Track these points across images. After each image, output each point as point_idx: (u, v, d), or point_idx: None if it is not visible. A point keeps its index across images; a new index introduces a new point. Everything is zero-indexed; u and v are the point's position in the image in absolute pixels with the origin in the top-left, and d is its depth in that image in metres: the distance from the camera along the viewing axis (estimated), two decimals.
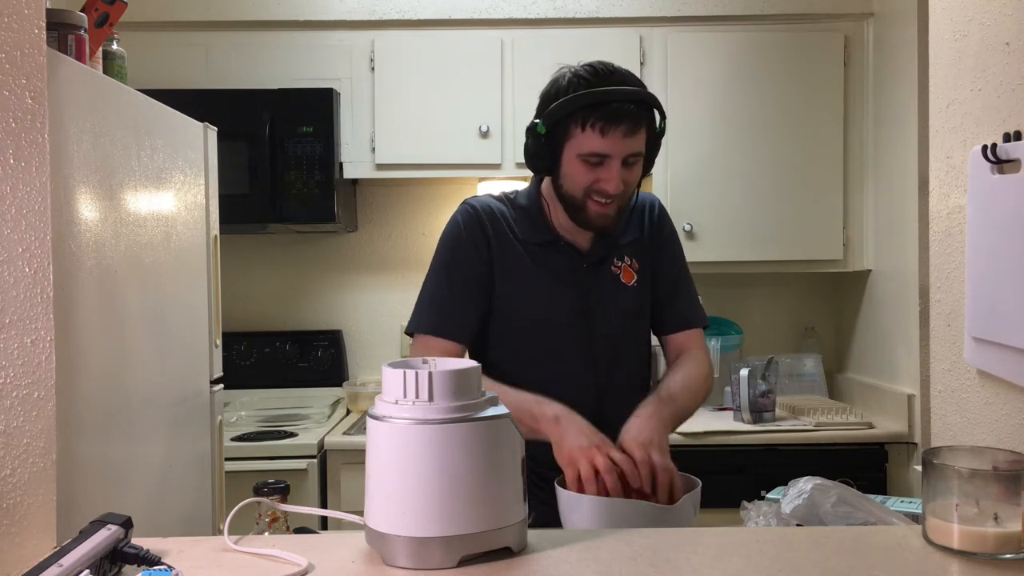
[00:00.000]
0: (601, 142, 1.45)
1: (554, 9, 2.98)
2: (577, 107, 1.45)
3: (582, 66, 1.50)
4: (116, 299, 1.64)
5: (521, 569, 1.00)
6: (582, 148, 1.47)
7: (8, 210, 1.05)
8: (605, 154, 1.46)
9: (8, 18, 1.05)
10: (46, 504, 1.10)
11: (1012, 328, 1.19)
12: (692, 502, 1.33)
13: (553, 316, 1.60)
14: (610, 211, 1.52)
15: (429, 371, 1.02)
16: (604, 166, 1.47)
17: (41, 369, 1.10)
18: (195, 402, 2.08)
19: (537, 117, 1.52)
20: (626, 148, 1.46)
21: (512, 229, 1.61)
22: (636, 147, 1.48)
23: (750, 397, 2.76)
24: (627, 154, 1.47)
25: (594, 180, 1.48)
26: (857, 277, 3.07)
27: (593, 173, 1.48)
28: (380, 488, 1.02)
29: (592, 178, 1.48)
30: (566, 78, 1.49)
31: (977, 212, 1.31)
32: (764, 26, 2.98)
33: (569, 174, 1.50)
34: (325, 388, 3.16)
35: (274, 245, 3.29)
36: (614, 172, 1.47)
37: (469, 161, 2.95)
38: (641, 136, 1.48)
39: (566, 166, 1.50)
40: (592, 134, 1.45)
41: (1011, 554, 1.00)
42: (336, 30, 2.98)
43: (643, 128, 1.48)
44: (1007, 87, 1.25)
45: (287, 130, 2.86)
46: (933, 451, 1.07)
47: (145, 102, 1.80)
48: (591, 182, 1.49)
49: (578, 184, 1.50)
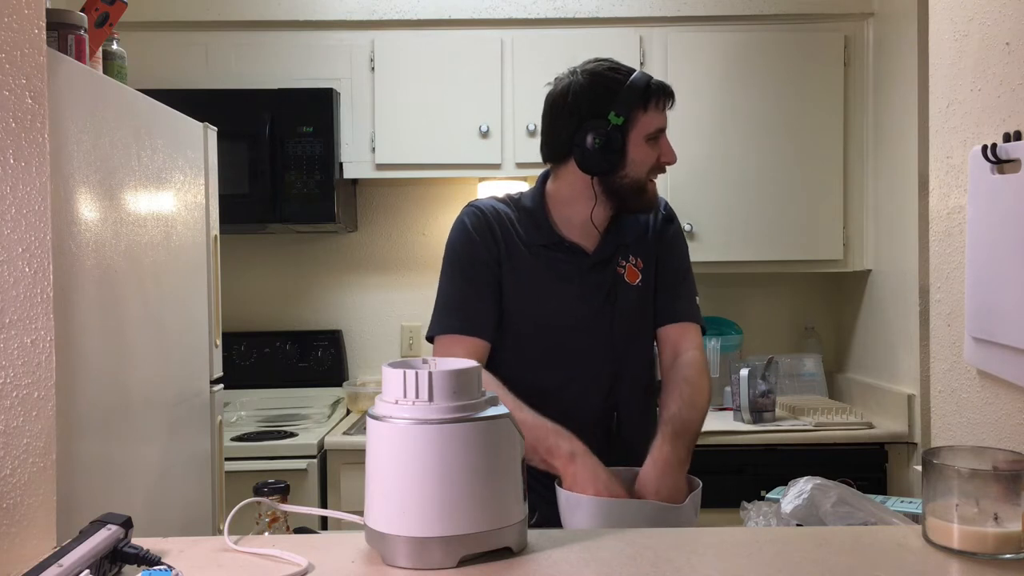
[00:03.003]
0: (662, 117, 1.57)
1: (554, 9, 2.98)
2: (643, 89, 1.53)
3: (595, 63, 1.57)
4: (116, 299, 1.64)
5: (521, 569, 1.00)
6: (649, 127, 1.55)
7: (8, 210, 1.05)
8: (663, 128, 1.57)
9: (8, 18, 1.05)
10: (46, 504, 1.10)
11: (1012, 328, 1.19)
12: (692, 503, 1.33)
13: (558, 317, 1.60)
14: (656, 188, 1.62)
15: (429, 371, 1.02)
16: (659, 141, 1.57)
17: (41, 369, 1.10)
18: (195, 402, 2.08)
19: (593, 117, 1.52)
20: (667, 121, 1.59)
21: (516, 231, 1.61)
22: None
23: (750, 397, 2.76)
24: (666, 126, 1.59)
25: (657, 156, 1.57)
26: (857, 277, 3.07)
27: (656, 150, 1.57)
28: (380, 488, 1.02)
29: (655, 155, 1.57)
30: (604, 75, 1.55)
31: (977, 212, 1.31)
32: (764, 26, 2.98)
33: (637, 159, 1.56)
34: (325, 388, 3.16)
35: (274, 245, 3.29)
36: (667, 144, 1.58)
37: (469, 161, 2.95)
38: None
39: (633, 152, 1.55)
40: (655, 112, 1.55)
41: (1011, 554, 1.00)
42: (336, 30, 2.98)
43: None
44: (1007, 87, 1.25)
45: (287, 130, 2.86)
46: (933, 451, 1.07)
47: (145, 102, 1.80)
48: (656, 159, 1.57)
49: (645, 165, 1.57)
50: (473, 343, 1.55)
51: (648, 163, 1.56)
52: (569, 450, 1.39)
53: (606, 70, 1.55)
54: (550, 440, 1.40)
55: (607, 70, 1.55)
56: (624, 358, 1.62)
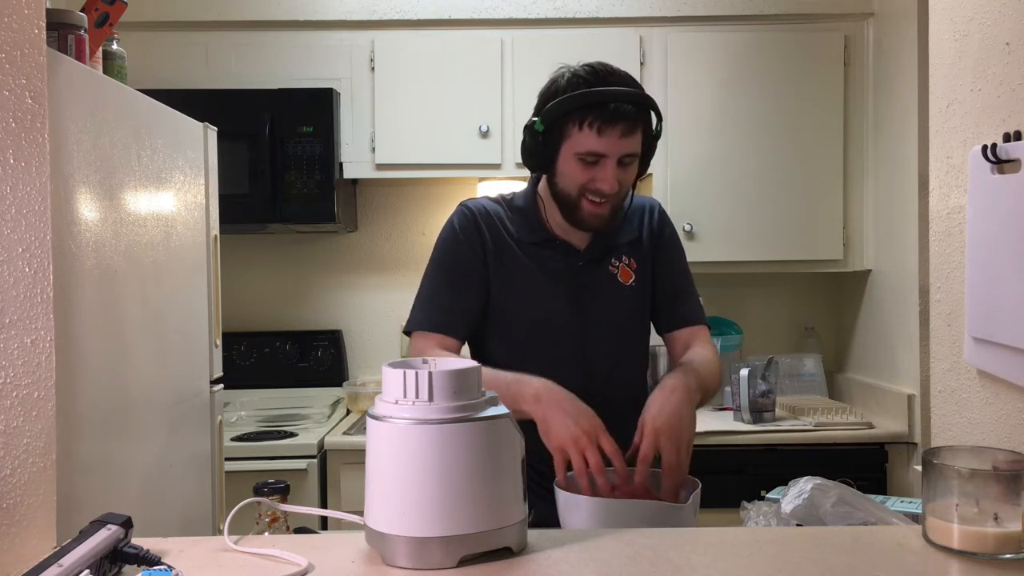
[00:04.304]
0: (597, 141, 1.47)
1: (554, 9, 2.98)
2: (575, 106, 1.46)
3: (581, 66, 1.51)
4: (116, 299, 1.64)
5: (521, 569, 1.00)
6: (579, 147, 1.48)
7: (8, 210, 1.05)
8: (601, 153, 1.47)
9: (8, 18, 1.05)
10: (46, 504, 1.10)
11: (1012, 328, 1.19)
12: (692, 503, 1.33)
13: (548, 314, 1.60)
14: (604, 211, 1.53)
15: (429, 371, 1.02)
16: (600, 165, 1.49)
17: (41, 369, 1.10)
18: (195, 402, 2.08)
19: (535, 115, 1.53)
20: (622, 148, 1.48)
21: (508, 229, 1.62)
22: (632, 148, 1.49)
23: (750, 397, 2.76)
24: (623, 154, 1.48)
25: (589, 179, 1.50)
26: (857, 277, 3.07)
27: (589, 172, 1.50)
28: (380, 488, 1.02)
29: (587, 177, 1.50)
30: (565, 77, 1.51)
31: (977, 212, 1.31)
32: (764, 26, 2.98)
33: (565, 172, 1.52)
34: (325, 388, 3.16)
35: (274, 245, 3.29)
36: (609, 172, 1.48)
37: (469, 161, 2.95)
38: (637, 137, 1.50)
39: (562, 164, 1.52)
40: (589, 133, 1.46)
41: (1011, 554, 1.00)
42: (336, 30, 2.98)
43: (639, 129, 1.50)
44: (1007, 87, 1.25)
45: (287, 130, 2.86)
46: (933, 451, 1.07)
47: (145, 102, 1.80)
48: (586, 181, 1.50)
49: (573, 182, 1.51)
50: (444, 340, 1.56)
51: (576, 181, 1.50)
52: (533, 392, 1.37)
53: (571, 74, 1.50)
54: (512, 388, 1.38)
55: (572, 74, 1.50)
56: (616, 357, 1.63)
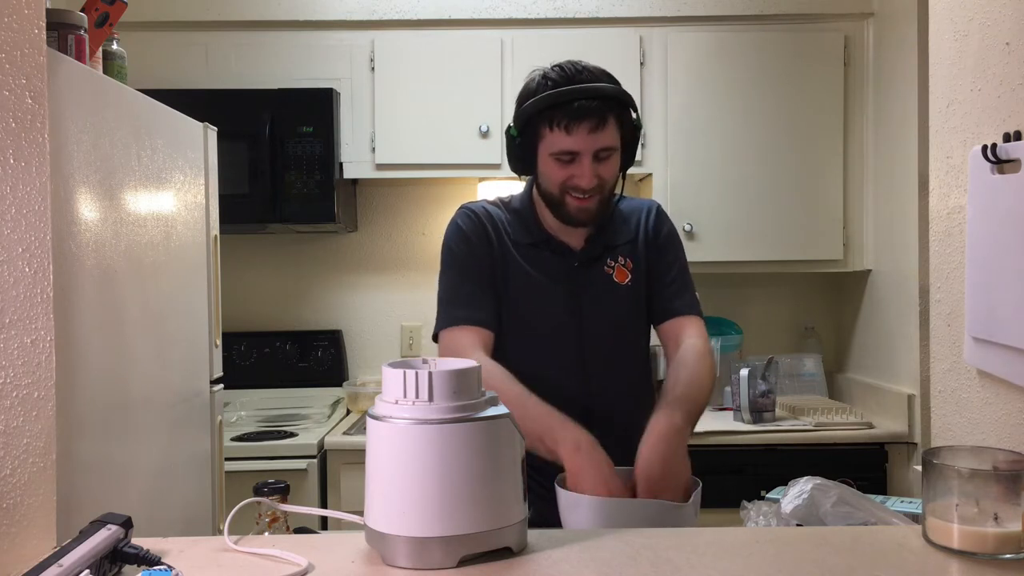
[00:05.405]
0: (568, 140, 1.49)
1: (554, 9, 2.98)
2: (543, 107, 1.49)
3: (552, 67, 1.53)
4: (116, 299, 1.64)
5: (521, 569, 1.00)
6: (552, 147, 1.51)
7: (8, 210, 1.05)
8: (574, 151, 1.50)
9: (8, 18, 1.05)
10: (46, 504, 1.10)
11: (1012, 328, 1.19)
12: (693, 503, 1.33)
13: (544, 314, 1.61)
14: (590, 205, 1.55)
15: (429, 371, 1.02)
16: (576, 163, 1.51)
17: (41, 369, 1.10)
18: (195, 402, 2.08)
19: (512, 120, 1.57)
20: (594, 143, 1.49)
21: (507, 231, 1.64)
22: (606, 142, 1.51)
23: (750, 397, 2.76)
24: (597, 149, 1.50)
25: (568, 177, 1.53)
26: (857, 277, 3.07)
27: (566, 170, 1.52)
28: (380, 488, 1.02)
29: (566, 175, 1.53)
30: (535, 81, 1.54)
31: (977, 212, 1.31)
32: (764, 26, 2.98)
33: (545, 173, 1.55)
34: (325, 388, 3.16)
35: (274, 245, 3.29)
36: (586, 168, 1.50)
37: (469, 161, 2.95)
38: (610, 131, 1.51)
39: (541, 165, 1.55)
40: (559, 132, 1.49)
41: (1011, 554, 1.00)
42: (336, 30, 2.98)
43: (610, 123, 1.50)
44: (1007, 87, 1.25)
45: (287, 130, 2.86)
46: (933, 451, 1.07)
47: (145, 102, 1.80)
48: (565, 179, 1.53)
49: (554, 181, 1.54)
50: (479, 332, 1.56)
51: (556, 180, 1.53)
52: (574, 441, 1.37)
53: (541, 76, 1.52)
54: (556, 431, 1.38)
55: (542, 77, 1.52)
56: (611, 356, 1.63)
